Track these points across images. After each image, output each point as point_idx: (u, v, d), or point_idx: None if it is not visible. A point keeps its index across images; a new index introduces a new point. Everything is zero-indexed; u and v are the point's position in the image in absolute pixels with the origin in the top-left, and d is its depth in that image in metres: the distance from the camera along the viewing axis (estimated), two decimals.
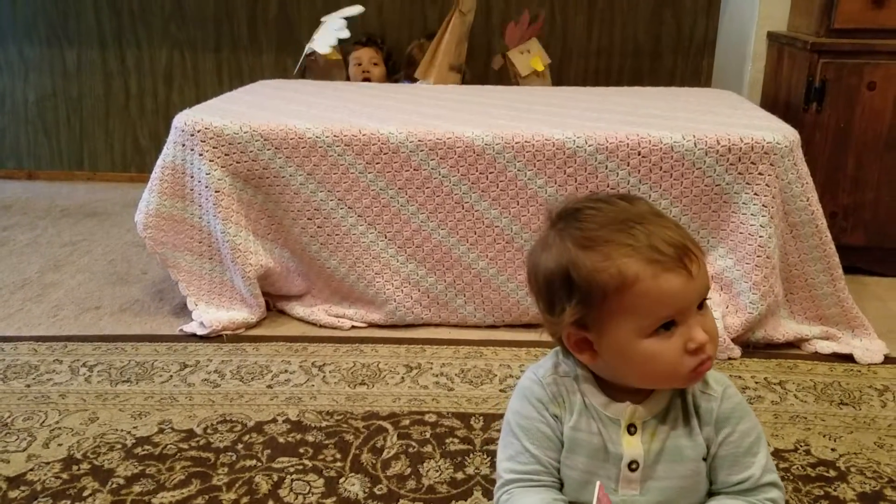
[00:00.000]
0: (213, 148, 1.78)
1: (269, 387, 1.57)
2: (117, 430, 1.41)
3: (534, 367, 0.95)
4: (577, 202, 0.88)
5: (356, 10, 2.74)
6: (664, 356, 0.83)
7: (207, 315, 1.80)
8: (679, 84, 2.95)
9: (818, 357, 1.71)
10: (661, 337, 0.82)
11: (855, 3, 2.02)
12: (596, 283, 0.82)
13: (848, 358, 1.70)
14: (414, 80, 2.68)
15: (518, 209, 1.76)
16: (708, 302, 0.86)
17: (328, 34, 2.68)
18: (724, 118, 1.87)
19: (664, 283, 0.81)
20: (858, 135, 2.07)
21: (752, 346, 1.74)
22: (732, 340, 1.70)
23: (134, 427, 1.42)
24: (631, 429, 0.88)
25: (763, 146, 1.67)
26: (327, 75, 2.72)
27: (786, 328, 1.75)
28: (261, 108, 1.96)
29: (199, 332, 1.78)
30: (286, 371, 1.63)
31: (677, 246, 0.81)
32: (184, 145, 1.80)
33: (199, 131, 1.78)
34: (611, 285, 0.81)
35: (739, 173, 1.69)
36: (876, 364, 1.68)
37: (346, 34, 2.69)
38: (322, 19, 2.78)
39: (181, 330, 1.81)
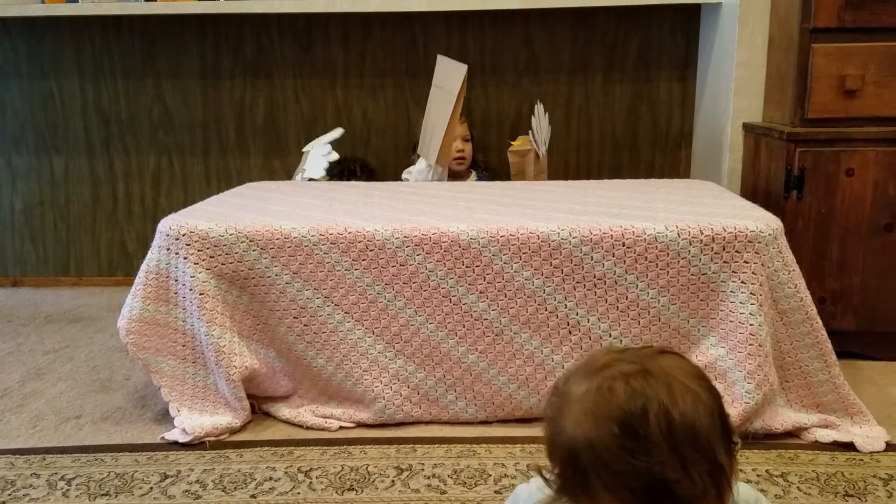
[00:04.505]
0: (199, 251, 1.77)
1: (253, 496, 1.51)
2: None
3: (526, 486, 0.89)
4: (651, 399, 0.72)
5: (337, 132, 2.79)
6: None
7: (190, 421, 1.75)
8: (658, 176, 3.00)
9: (819, 446, 1.67)
10: None
11: (827, 94, 2.08)
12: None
13: (849, 446, 1.66)
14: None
15: (506, 302, 1.75)
16: None
17: (317, 160, 2.71)
18: (705, 208, 1.89)
19: None
20: (840, 220, 2.09)
21: (751, 437, 1.70)
22: None
23: None
24: None
25: (747, 235, 1.68)
26: None
27: (784, 417, 1.71)
28: (246, 210, 1.97)
29: (182, 439, 1.72)
30: (271, 478, 1.57)
31: None
32: (168, 249, 1.80)
33: (184, 235, 1.78)
34: None
35: (725, 262, 1.69)
36: (878, 452, 1.64)
37: (335, 156, 2.73)
38: (304, 150, 2.82)
39: (163, 438, 1.75)
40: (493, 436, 1.75)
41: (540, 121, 2.67)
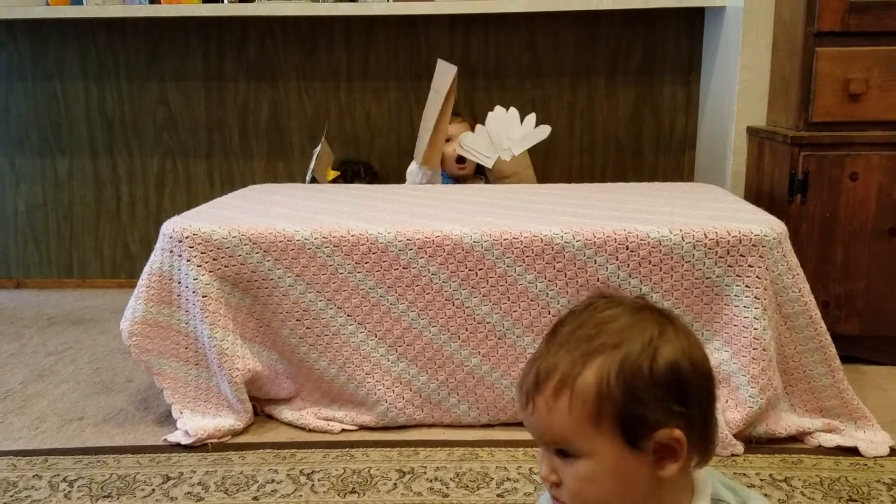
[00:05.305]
0: (201, 253, 1.77)
1: (255, 499, 1.50)
2: None
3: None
4: (598, 303, 0.85)
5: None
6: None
7: (192, 423, 1.75)
8: (661, 179, 2.99)
9: (822, 451, 1.67)
10: None
11: (831, 98, 2.08)
12: None
13: (853, 451, 1.65)
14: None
15: (509, 305, 1.75)
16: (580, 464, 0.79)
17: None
18: (709, 212, 1.88)
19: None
20: (845, 224, 2.08)
21: (755, 441, 1.69)
22: (734, 436, 1.66)
23: None
24: None
25: (751, 239, 1.68)
26: None
27: (787, 421, 1.71)
28: (249, 213, 1.97)
29: (184, 441, 1.72)
30: (273, 481, 1.57)
31: (531, 378, 0.80)
32: (171, 252, 1.80)
33: (186, 237, 1.78)
34: None
35: (729, 266, 1.69)
36: (882, 457, 1.63)
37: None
38: (314, 152, 2.81)
39: (165, 440, 1.75)
40: (496, 439, 1.75)
41: (494, 128, 2.58)
